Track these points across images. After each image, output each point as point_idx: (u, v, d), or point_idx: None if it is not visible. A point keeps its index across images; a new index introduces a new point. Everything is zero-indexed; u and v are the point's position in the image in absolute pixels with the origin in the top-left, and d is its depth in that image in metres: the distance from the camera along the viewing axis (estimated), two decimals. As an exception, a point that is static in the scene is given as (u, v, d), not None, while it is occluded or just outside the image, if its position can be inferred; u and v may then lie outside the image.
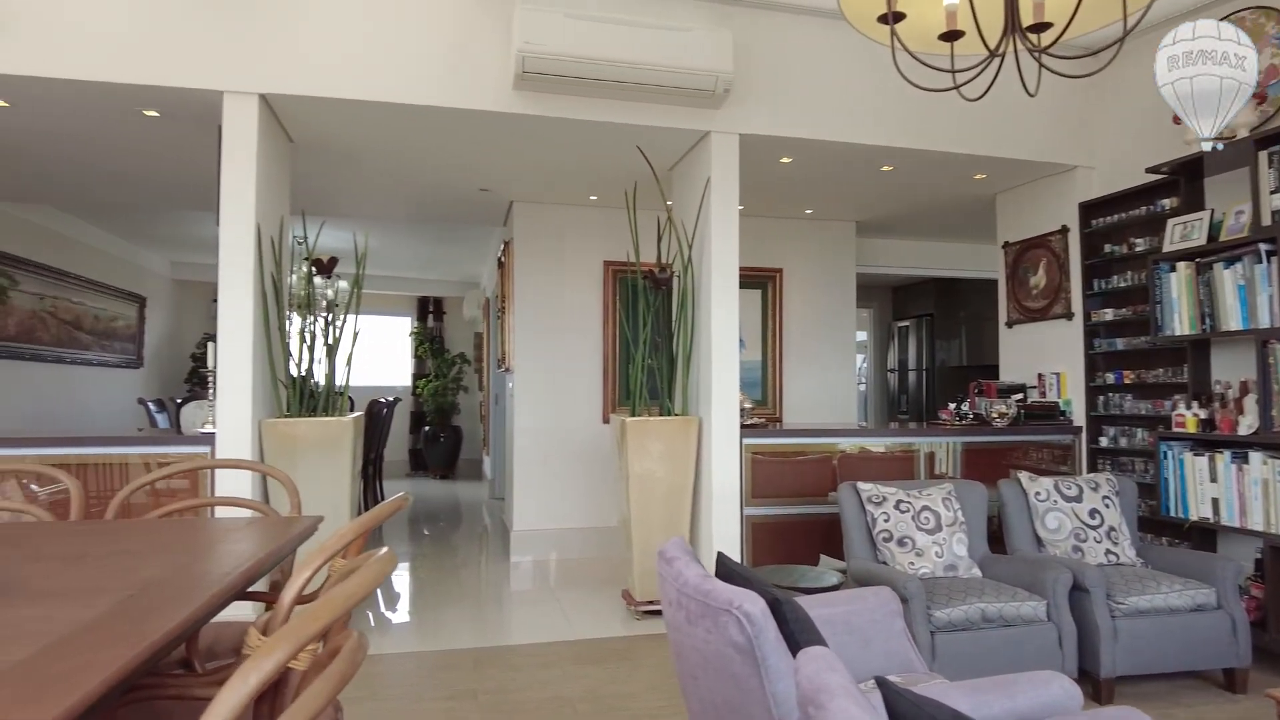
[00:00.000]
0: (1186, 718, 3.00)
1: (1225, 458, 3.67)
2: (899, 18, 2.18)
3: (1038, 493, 3.66)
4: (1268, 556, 3.47)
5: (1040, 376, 5.11)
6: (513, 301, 5.99)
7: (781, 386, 6.37)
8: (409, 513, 7.82)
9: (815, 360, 6.48)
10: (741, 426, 4.21)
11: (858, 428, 4.77)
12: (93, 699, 0.83)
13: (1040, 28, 2.07)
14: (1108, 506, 3.62)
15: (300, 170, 4.71)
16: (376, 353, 11.08)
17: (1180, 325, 3.97)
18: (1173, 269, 4.01)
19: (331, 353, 3.98)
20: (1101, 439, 4.70)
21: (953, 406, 5.07)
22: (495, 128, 4.11)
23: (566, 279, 5.91)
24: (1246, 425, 3.62)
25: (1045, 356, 5.11)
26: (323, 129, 4.14)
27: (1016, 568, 3.31)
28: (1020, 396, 4.95)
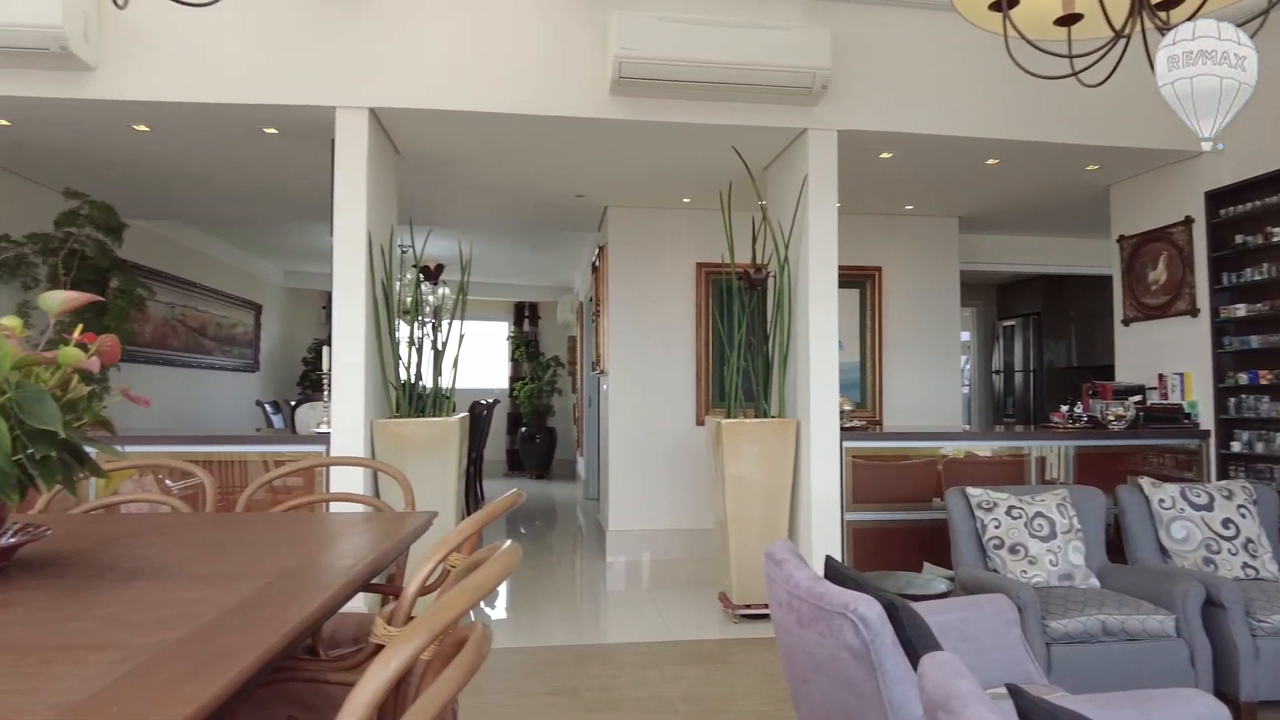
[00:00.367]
0: (1339, 747, 2.76)
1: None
2: (1013, 3, 2.10)
3: (1161, 500, 3.44)
4: None
5: (1161, 377, 4.81)
6: (607, 305, 6.06)
7: (881, 389, 6.22)
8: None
9: (917, 361, 6.29)
10: (841, 429, 4.13)
11: (963, 431, 4.61)
12: (248, 675, 0.89)
13: (1169, 4, 1.95)
14: (1244, 516, 3.37)
15: (405, 182, 4.90)
16: (476, 357, 11.41)
17: (1325, 321, 3.67)
18: (1316, 260, 3.71)
19: (438, 356, 4.12)
20: (1234, 444, 4.39)
21: (1064, 409, 4.83)
22: (591, 133, 4.16)
23: (660, 281, 5.93)
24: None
25: (1166, 356, 4.80)
26: (427, 141, 4.30)
27: (1140, 579, 3.12)
28: (1139, 398, 4.68)
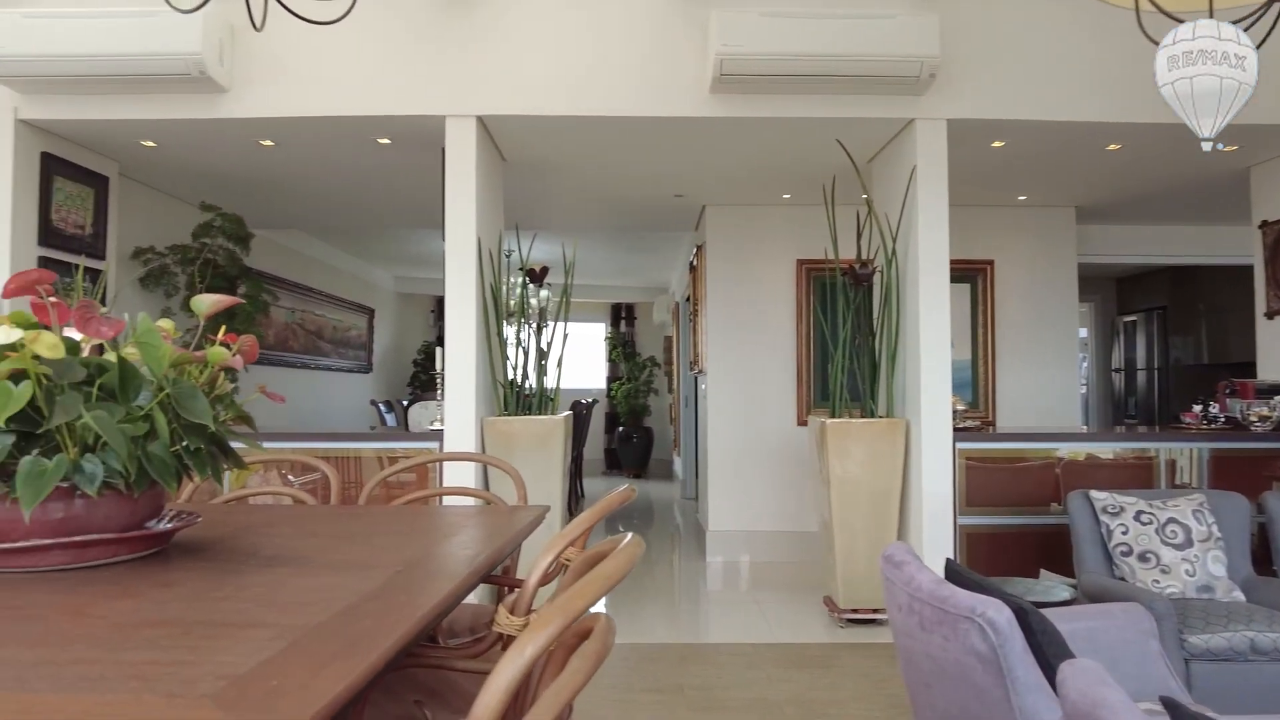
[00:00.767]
0: None
1: None
2: (1145, -24, 1.98)
3: (1317, 508, 3.17)
4: None
5: (1312, 375, 4.43)
6: (705, 304, 6.05)
7: (994, 387, 5.96)
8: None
9: (1031, 359, 5.99)
10: (954, 430, 3.99)
11: (1083, 432, 4.38)
12: (388, 657, 0.93)
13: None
14: None
15: (509, 187, 5.03)
16: (574, 357, 11.59)
17: None
18: None
19: (543, 357, 4.21)
20: (1399, 447, 3.99)
21: (1197, 409, 4.51)
22: (691, 133, 4.17)
23: (759, 279, 5.88)
24: None
25: (1318, 351, 4.42)
26: (530, 147, 4.40)
27: (1293, 593, 2.88)
28: (1286, 397, 4.32)
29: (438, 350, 4.08)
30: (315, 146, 4.39)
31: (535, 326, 4.27)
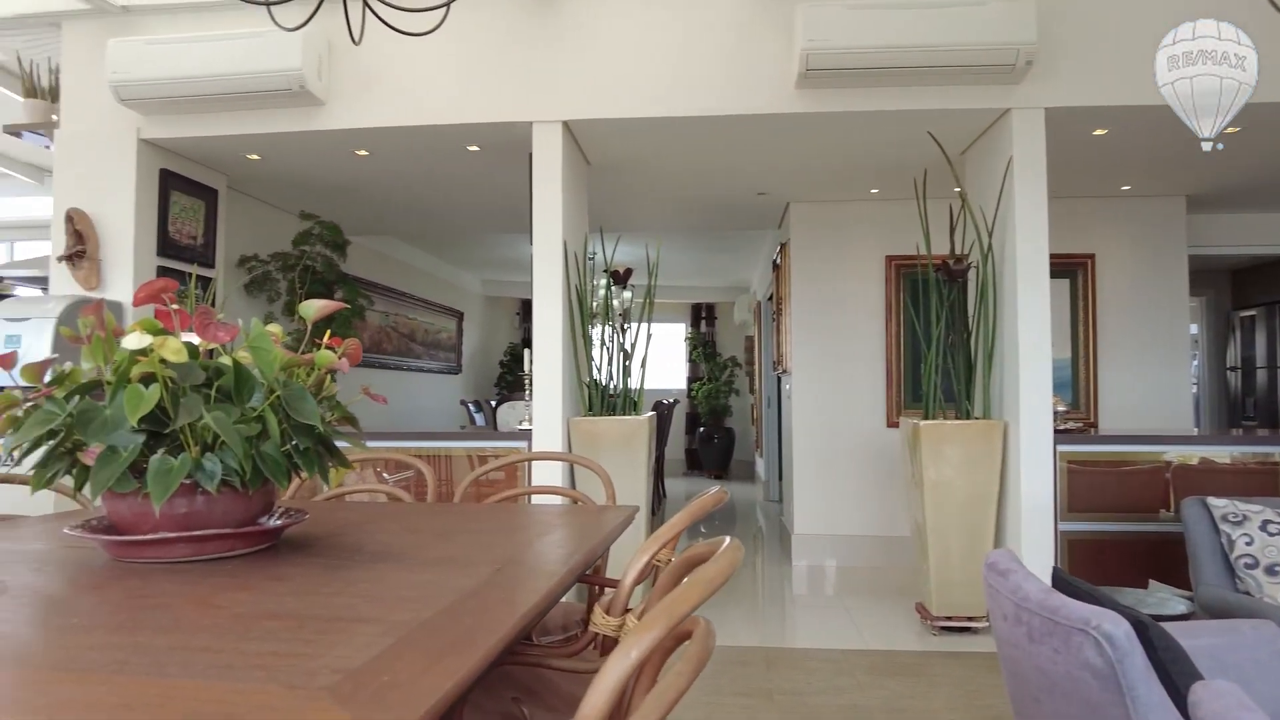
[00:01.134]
0: None
1: None
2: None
3: None
4: None
5: None
6: (789, 303, 5.96)
7: (1096, 388, 5.67)
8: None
9: (1137, 357, 5.68)
10: (1055, 432, 3.81)
11: (1197, 435, 4.12)
12: (494, 654, 0.94)
13: None
14: None
15: (592, 190, 5.07)
16: (655, 358, 11.63)
17: None
18: None
19: (627, 357, 4.23)
20: None
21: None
22: (776, 129, 4.11)
23: (846, 277, 5.76)
24: None
25: None
26: (614, 150, 4.43)
27: None
28: None
29: (525, 351, 4.15)
30: (407, 155, 4.53)
31: (619, 327, 4.29)
